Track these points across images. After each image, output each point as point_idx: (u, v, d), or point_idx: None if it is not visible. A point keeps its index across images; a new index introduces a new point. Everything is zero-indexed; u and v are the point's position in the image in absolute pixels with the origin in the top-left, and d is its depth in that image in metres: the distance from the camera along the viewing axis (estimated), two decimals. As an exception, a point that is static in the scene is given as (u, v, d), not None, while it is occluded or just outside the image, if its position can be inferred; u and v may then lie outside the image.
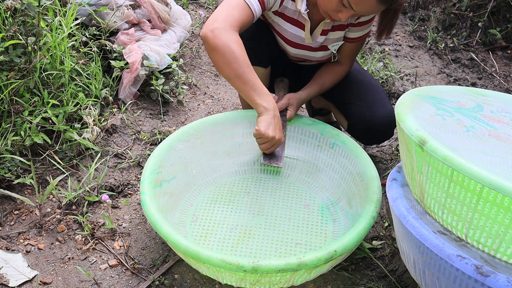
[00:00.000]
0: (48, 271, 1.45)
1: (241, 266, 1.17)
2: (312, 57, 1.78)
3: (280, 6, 1.61)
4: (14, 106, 1.70)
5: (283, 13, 1.64)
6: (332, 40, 1.70)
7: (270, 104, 1.48)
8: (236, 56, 1.41)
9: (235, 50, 1.41)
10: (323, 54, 1.76)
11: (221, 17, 1.44)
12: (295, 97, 1.71)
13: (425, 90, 1.42)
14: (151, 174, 1.49)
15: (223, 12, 1.45)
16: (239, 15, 1.46)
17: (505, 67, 2.93)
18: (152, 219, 1.33)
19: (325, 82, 1.77)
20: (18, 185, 1.72)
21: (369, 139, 1.81)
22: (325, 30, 1.66)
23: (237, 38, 1.43)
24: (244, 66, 1.42)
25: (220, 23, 1.42)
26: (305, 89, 1.75)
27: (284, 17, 1.65)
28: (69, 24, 1.95)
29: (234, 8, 1.46)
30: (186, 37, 2.64)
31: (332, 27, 1.66)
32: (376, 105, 1.70)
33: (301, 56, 1.79)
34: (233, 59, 1.41)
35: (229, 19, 1.43)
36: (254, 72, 1.45)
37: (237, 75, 1.43)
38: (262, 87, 1.47)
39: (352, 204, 1.54)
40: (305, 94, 1.74)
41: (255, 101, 1.47)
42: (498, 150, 1.41)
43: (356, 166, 1.58)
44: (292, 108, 1.69)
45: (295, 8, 1.61)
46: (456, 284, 1.04)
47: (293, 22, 1.66)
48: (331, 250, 1.23)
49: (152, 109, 2.25)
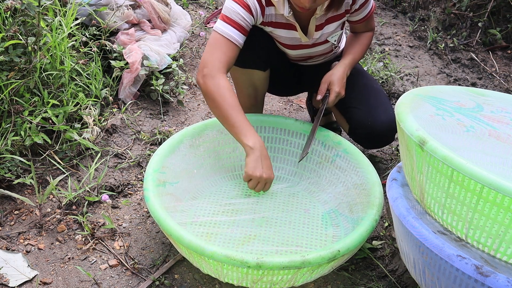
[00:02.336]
0: (48, 271, 1.45)
1: (245, 262, 1.18)
2: (313, 53, 1.78)
3: (264, 17, 1.62)
4: (14, 106, 1.70)
5: (270, 21, 1.64)
6: (329, 33, 1.71)
7: (256, 143, 1.50)
8: (223, 100, 1.51)
9: (222, 94, 1.51)
10: (324, 47, 1.76)
11: (209, 62, 1.54)
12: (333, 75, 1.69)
13: (425, 90, 1.42)
14: (155, 172, 1.50)
15: (209, 56, 1.55)
16: (223, 54, 1.55)
17: (505, 67, 2.93)
18: (156, 214, 1.33)
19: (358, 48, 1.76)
20: (18, 185, 1.72)
21: (370, 144, 1.81)
22: (320, 25, 1.66)
23: (223, 83, 1.52)
24: (230, 109, 1.51)
25: (208, 69, 1.53)
26: (343, 63, 1.72)
27: (273, 25, 1.66)
28: (69, 24, 1.95)
29: (218, 49, 1.55)
30: (186, 37, 2.63)
31: (325, 20, 1.66)
32: (378, 110, 1.70)
33: (302, 56, 1.79)
34: (220, 103, 1.51)
35: (216, 62, 1.54)
36: (241, 113, 1.52)
37: (224, 116, 1.52)
38: (248, 127, 1.52)
39: (353, 211, 1.54)
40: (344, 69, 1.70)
41: (241, 141, 1.51)
42: (498, 150, 1.41)
43: (359, 175, 1.58)
44: (333, 89, 1.67)
45: (278, 13, 1.61)
46: (456, 284, 1.04)
47: (283, 26, 1.66)
48: (334, 249, 1.23)
49: (152, 109, 2.25)
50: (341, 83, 1.68)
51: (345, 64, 1.71)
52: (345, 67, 1.71)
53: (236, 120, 1.51)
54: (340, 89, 1.67)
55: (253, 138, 1.50)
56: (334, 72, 1.69)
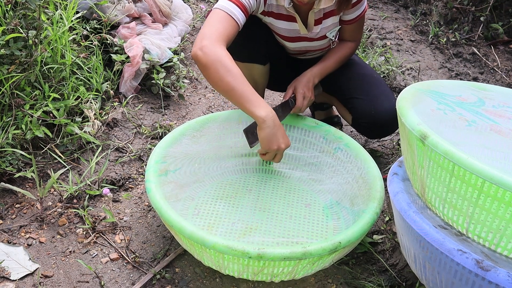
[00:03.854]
0: (49, 264, 1.45)
1: (247, 253, 1.18)
2: (311, 47, 1.77)
3: (265, 6, 1.61)
4: (15, 100, 1.70)
5: (271, 11, 1.64)
6: (328, 28, 1.70)
7: (268, 113, 1.43)
8: (229, 69, 1.41)
9: (226, 64, 1.41)
10: (322, 42, 1.76)
11: (207, 34, 1.44)
12: (297, 81, 1.70)
13: (426, 84, 1.42)
14: (156, 164, 1.50)
15: (208, 29, 1.46)
16: (224, 28, 1.47)
17: (507, 61, 2.92)
18: (158, 205, 1.33)
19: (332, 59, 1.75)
20: (19, 179, 1.72)
21: (374, 133, 1.80)
22: (318, 19, 1.66)
23: (226, 52, 1.43)
24: (238, 78, 1.41)
25: (207, 40, 1.42)
26: (310, 70, 1.73)
27: (273, 15, 1.65)
28: (70, 17, 1.94)
29: (218, 23, 1.47)
30: (187, 31, 2.63)
31: (324, 14, 1.65)
32: (380, 98, 1.70)
33: (300, 49, 1.79)
34: (226, 73, 1.40)
35: (215, 34, 1.44)
36: (248, 83, 1.43)
37: (232, 88, 1.42)
38: (257, 97, 1.44)
39: (354, 203, 1.54)
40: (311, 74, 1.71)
41: (252, 113, 1.43)
42: (499, 144, 1.41)
43: (360, 169, 1.58)
44: (297, 91, 1.67)
45: (280, 4, 1.61)
46: (457, 278, 1.04)
47: (283, 17, 1.65)
48: (335, 241, 1.24)
49: (153, 103, 2.25)
50: (306, 87, 1.68)
51: (312, 71, 1.71)
52: (312, 74, 1.71)
53: (243, 90, 1.41)
54: (305, 91, 1.67)
55: (264, 108, 1.43)
56: (299, 78, 1.70)
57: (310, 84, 1.69)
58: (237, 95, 1.42)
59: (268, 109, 1.44)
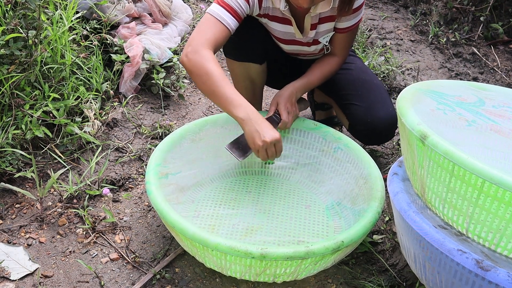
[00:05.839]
0: (49, 264, 1.45)
1: (250, 253, 1.18)
2: (305, 51, 1.77)
3: (261, 8, 1.61)
4: (15, 100, 1.70)
5: (267, 14, 1.64)
6: (322, 33, 1.69)
7: (247, 112, 1.42)
8: (208, 73, 1.43)
9: (208, 68, 1.43)
10: (315, 48, 1.75)
11: (194, 40, 1.47)
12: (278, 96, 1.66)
13: (426, 84, 1.42)
14: (156, 166, 1.50)
15: (196, 34, 1.49)
16: (212, 34, 1.48)
17: (507, 61, 2.92)
18: (159, 207, 1.33)
19: (316, 74, 1.71)
20: (19, 179, 1.72)
21: (370, 140, 1.80)
22: (314, 24, 1.65)
23: (211, 57, 1.44)
24: (218, 81, 1.42)
25: (192, 47, 1.46)
26: (293, 84, 1.69)
27: (269, 18, 1.65)
28: (69, 17, 1.94)
29: (207, 28, 1.50)
30: (187, 30, 2.63)
31: (319, 19, 1.64)
32: (377, 106, 1.69)
33: (294, 51, 1.79)
34: (206, 77, 1.43)
35: (201, 40, 1.47)
36: (229, 85, 1.44)
37: (212, 91, 1.44)
38: (237, 97, 1.43)
39: (355, 203, 1.54)
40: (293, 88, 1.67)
41: (232, 114, 1.44)
42: (499, 144, 1.41)
43: (360, 170, 1.58)
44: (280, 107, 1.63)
45: (275, 6, 1.60)
46: (457, 278, 1.04)
47: (279, 20, 1.65)
48: (338, 240, 1.24)
49: (153, 103, 2.25)
50: (290, 102, 1.65)
51: (295, 86, 1.68)
52: (294, 89, 1.67)
53: (223, 92, 1.43)
54: (289, 107, 1.64)
55: (243, 108, 1.43)
56: (281, 93, 1.66)
57: (293, 99, 1.67)
58: (218, 98, 1.44)
59: (248, 108, 1.43)
